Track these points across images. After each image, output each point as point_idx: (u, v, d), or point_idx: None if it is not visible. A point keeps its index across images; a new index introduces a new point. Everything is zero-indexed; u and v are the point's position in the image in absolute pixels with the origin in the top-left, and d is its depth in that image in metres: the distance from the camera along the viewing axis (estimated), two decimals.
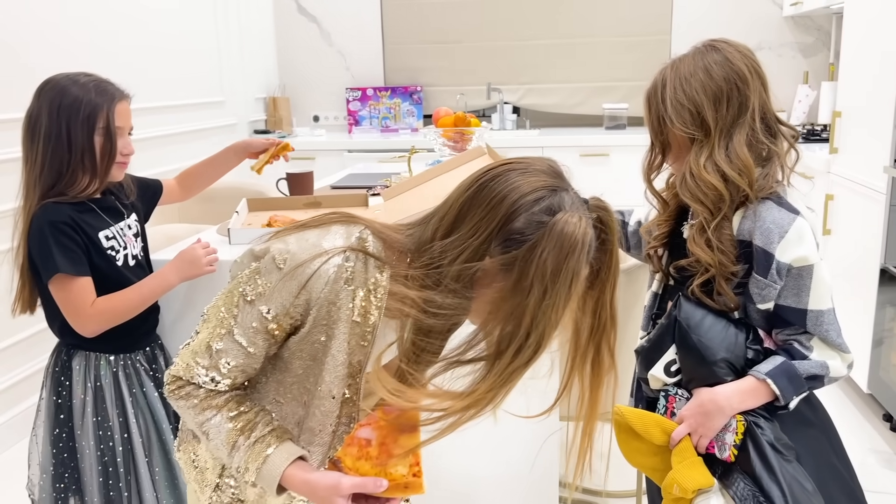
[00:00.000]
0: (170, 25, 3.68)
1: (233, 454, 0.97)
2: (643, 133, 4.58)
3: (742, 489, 1.15)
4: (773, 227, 1.18)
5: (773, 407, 1.20)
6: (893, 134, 2.53)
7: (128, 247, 1.62)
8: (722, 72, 1.23)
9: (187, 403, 1.00)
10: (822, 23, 4.30)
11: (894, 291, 2.53)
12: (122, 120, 1.54)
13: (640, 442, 1.25)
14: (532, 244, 0.86)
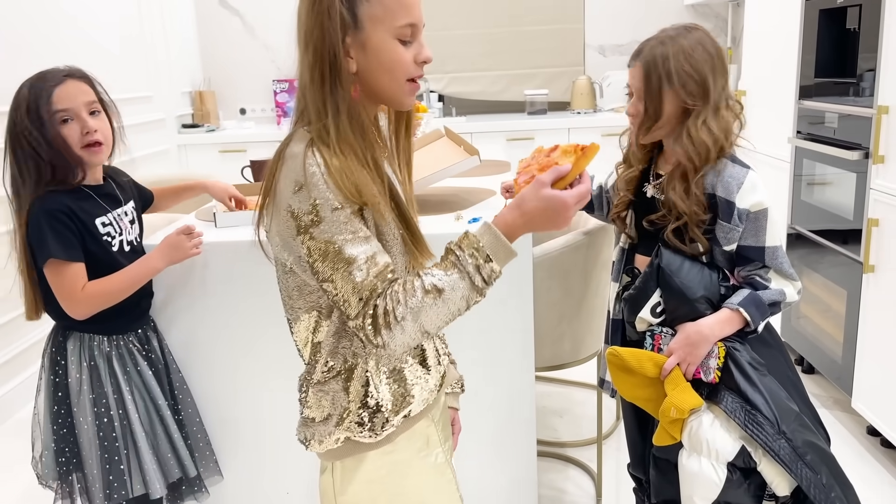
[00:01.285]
0: (93, 20, 3.61)
1: (462, 277, 1.00)
2: (563, 117, 4.86)
3: (731, 402, 1.36)
4: (732, 180, 1.41)
5: (744, 332, 1.43)
6: (795, 107, 2.85)
7: (123, 233, 1.66)
8: (712, 49, 1.43)
9: (403, 306, 0.98)
10: (720, 10, 4.67)
11: (800, 251, 2.85)
12: (66, 102, 1.52)
13: (634, 377, 1.44)
14: None
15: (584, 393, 2.90)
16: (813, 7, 2.69)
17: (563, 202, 1.00)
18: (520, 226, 1.02)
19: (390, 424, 1.13)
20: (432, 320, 1.00)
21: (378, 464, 1.16)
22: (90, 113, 1.55)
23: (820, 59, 2.68)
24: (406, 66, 1.06)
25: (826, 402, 2.72)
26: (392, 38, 1.04)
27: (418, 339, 1.01)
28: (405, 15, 1.04)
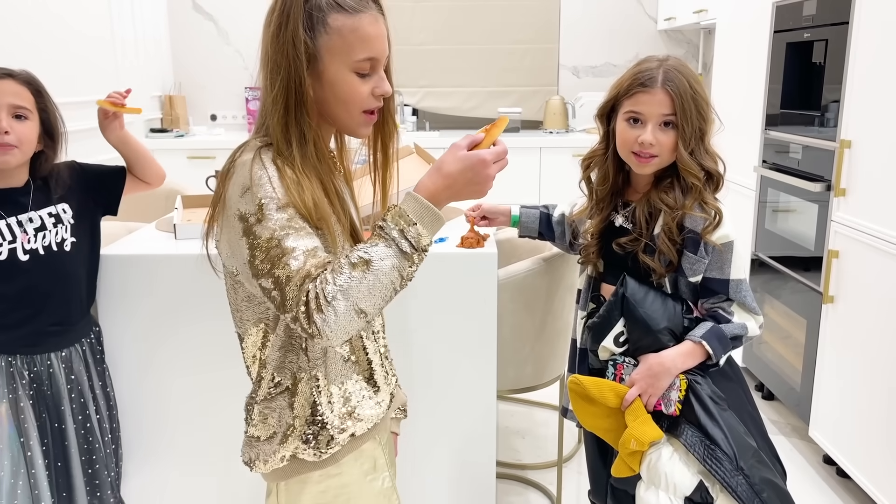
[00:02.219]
0: (62, 20, 3.55)
1: (390, 246, 0.98)
2: (535, 136, 4.88)
3: (690, 436, 1.36)
4: (699, 213, 1.41)
5: (706, 365, 1.43)
6: (761, 136, 2.90)
7: (17, 241, 1.54)
8: None
9: (332, 285, 0.95)
10: (692, 37, 4.74)
11: (762, 278, 2.89)
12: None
13: (595, 406, 1.43)
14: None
15: (546, 413, 2.90)
16: (781, 39, 2.74)
17: (482, 159, 1.00)
18: (442, 189, 1.01)
19: (335, 443, 1.12)
20: (365, 296, 0.95)
21: (323, 486, 1.14)
22: (15, 116, 1.52)
23: (786, 91, 2.73)
24: (361, 99, 1.07)
25: (784, 428, 2.75)
26: (349, 71, 1.06)
27: (354, 320, 0.96)
28: (364, 49, 1.05)
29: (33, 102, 1.56)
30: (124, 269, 1.78)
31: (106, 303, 1.79)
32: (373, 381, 1.18)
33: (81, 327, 1.68)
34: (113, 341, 1.81)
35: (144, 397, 1.84)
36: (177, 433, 1.87)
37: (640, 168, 1.45)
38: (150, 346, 1.81)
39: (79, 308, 1.66)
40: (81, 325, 1.68)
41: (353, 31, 1.04)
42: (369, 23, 1.05)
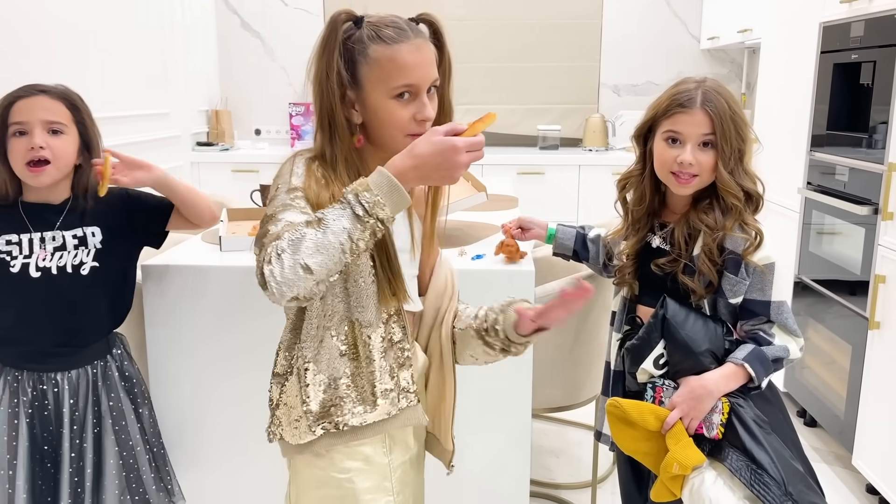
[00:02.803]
0: (116, 37, 3.67)
1: (345, 209, 1.01)
2: (574, 153, 4.87)
3: (735, 460, 1.34)
4: (739, 234, 1.40)
5: (747, 388, 1.41)
6: (806, 157, 2.85)
7: (33, 256, 1.54)
8: None
9: (286, 241, 1.00)
10: (735, 56, 4.70)
11: (806, 301, 2.83)
12: (23, 115, 1.49)
13: (635, 430, 1.41)
14: None
15: (581, 433, 2.87)
16: (828, 60, 2.70)
17: (453, 144, 1.01)
18: (409, 167, 1.03)
19: (312, 433, 1.17)
20: (311, 252, 0.98)
21: (312, 473, 1.22)
22: (50, 132, 1.50)
23: (832, 112, 2.69)
24: (402, 124, 1.12)
25: (826, 456, 2.68)
26: (388, 98, 1.12)
27: (299, 275, 0.98)
28: (401, 77, 1.10)
29: (69, 116, 1.54)
30: (171, 279, 1.83)
31: (152, 312, 1.84)
32: (365, 389, 1.18)
33: (94, 351, 1.63)
34: (158, 348, 1.85)
35: (188, 403, 1.88)
36: (220, 437, 1.91)
37: (679, 189, 1.45)
38: (194, 353, 1.86)
39: (92, 332, 1.62)
40: (94, 348, 1.63)
41: (390, 60, 1.11)
42: (408, 51, 1.11)
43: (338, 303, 1.17)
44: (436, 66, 1.15)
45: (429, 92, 1.14)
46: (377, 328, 1.18)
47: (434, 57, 1.15)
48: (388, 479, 1.21)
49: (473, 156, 1.03)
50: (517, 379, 1.84)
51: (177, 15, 4.26)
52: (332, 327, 1.17)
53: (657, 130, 1.47)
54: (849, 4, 2.52)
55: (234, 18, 4.80)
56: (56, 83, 1.57)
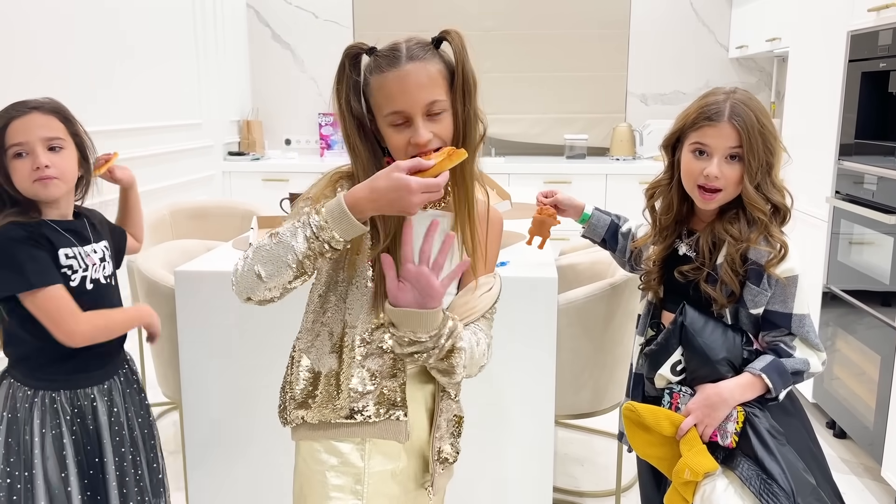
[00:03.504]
0: (151, 50, 3.77)
1: (299, 228, 1.08)
2: (601, 162, 4.89)
3: (747, 470, 1.34)
4: (763, 245, 1.40)
5: (764, 399, 1.41)
6: (834, 166, 2.83)
7: (89, 269, 1.56)
8: None
9: (250, 248, 1.13)
10: (765, 65, 4.67)
11: (835, 311, 2.80)
12: (21, 135, 1.46)
13: (650, 434, 1.42)
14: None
15: (606, 442, 2.87)
16: (856, 68, 2.69)
17: (407, 184, 1.04)
18: (365, 198, 1.07)
19: (291, 419, 1.24)
20: (263, 261, 1.09)
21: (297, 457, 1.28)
22: (49, 148, 1.48)
23: (861, 120, 2.67)
24: (399, 150, 1.16)
25: (856, 468, 2.65)
26: (387, 126, 1.16)
27: (252, 279, 1.10)
28: (388, 105, 1.14)
29: (65, 130, 1.52)
30: (202, 285, 1.88)
31: (185, 316, 1.89)
32: (342, 389, 1.21)
33: (119, 360, 1.64)
34: (189, 352, 1.91)
35: (217, 405, 1.93)
36: (249, 438, 1.95)
37: (704, 204, 1.45)
38: (224, 356, 1.91)
39: (118, 340, 1.63)
40: (118, 358, 1.64)
41: (379, 89, 1.16)
42: (393, 79, 1.14)
43: (337, 301, 1.22)
44: (436, 88, 1.14)
45: (436, 115, 1.14)
46: (363, 332, 1.19)
47: (430, 79, 1.14)
48: (360, 482, 1.22)
49: (428, 197, 1.05)
50: (540, 385, 1.86)
51: (209, 28, 4.37)
52: (328, 324, 1.22)
53: (685, 141, 1.47)
54: (877, 13, 2.51)
55: (265, 31, 4.90)
56: (42, 97, 1.53)
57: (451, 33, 1.17)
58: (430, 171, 1.05)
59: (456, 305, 1.27)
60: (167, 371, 2.10)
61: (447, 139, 1.16)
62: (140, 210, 1.82)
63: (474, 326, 1.27)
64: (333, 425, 1.22)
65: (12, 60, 2.75)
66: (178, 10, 4.02)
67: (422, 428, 1.29)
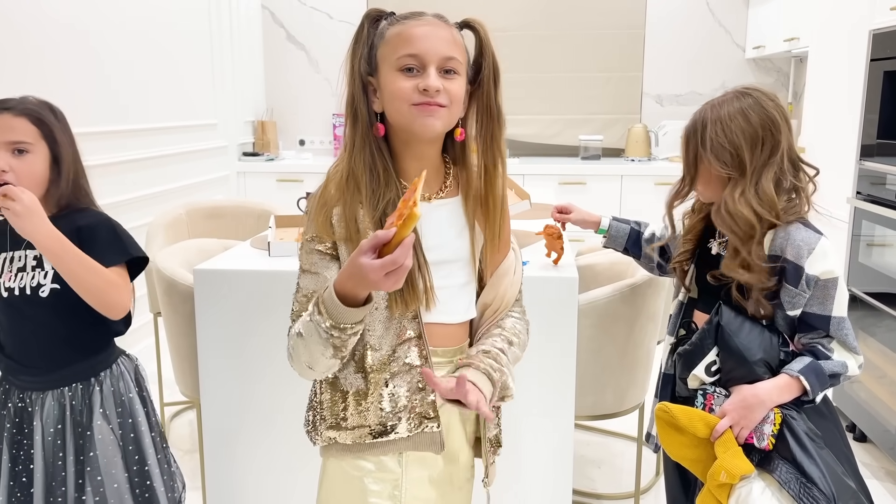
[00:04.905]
0: (167, 51, 3.78)
1: (314, 331, 1.08)
2: (616, 163, 4.87)
3: (785, 473, 1.32)
4: (803, 244, 1.37)
5: (801, 402, 1.39)
6: (855, 167, 2.80)
7: (2, 276, 1.50)
8: (758, 117, 1.39)
9: (289, 349, 1.16)
10: (782, 65, 4.63)
11: (856, 313, 2.77)
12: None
13: (683, 436, 1.40)
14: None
15: (623, 444, 2.85)
16: (878, 68, 2.65)
17: (372, 267, 0.98)
18: (345, 281, 1.04)
19: (319, 438, 1.22)
20: (307, 360, 1.12)
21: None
22: (15, 151, 1.43)
23: (883, 120, 2.64)
24: (404, 92, 1.11)
25: (877, 472, 2.62)
26: (394, 70, 1.12)
27: (308, 372, 1.14)
28: (405, 47, 1.11)
29: (35, 133, 1.45)
30: (221, 284, 1.88)
31: (204, 314, 1.89)
32: (370, 410, 1.19)
33: (70, 373, 1.54)
34: (208, 349, 1.90)
35: (236, 404, 1.93)
36: (267, 435, 1.95)
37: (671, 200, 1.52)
38: (243, 355, 1.90)
39: (60, 356, 1.53)
40: (70, 371, 1.54)
41: (398, 34, 1.12)
42: (415, 25, 1.12)
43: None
44: (455, 48, 1.13)
45: (450, 73, 1.12)
46: (387, 351, 1.17)
47: (453, 38, 1.13)
48: (398, 488, 1.21)
49: (395, 276, 0.98)
50: (560, 386, 1.84)
51: (224, 29, 4.38)
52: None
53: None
54: None
55: (279, 31, 4.91)
56: (26, 95, 1.49)
57: (477, 21, 1.16)
58: (391, 243, 0.98)
59: (486, 303, 1.26)
60: (185, 369, 2.10)
61: (457, 102, 1.13)
62: (67, 269, 1.45)
63: (512, 320, 1.27)
64: (367, 445, 1.20)
65: (28, 63, 2.76)
66: (194, 12, 4.03)
67: (457, 433, 1.27)
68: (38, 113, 1.47)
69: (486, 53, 1.17)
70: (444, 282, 1.19)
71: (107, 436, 1.53)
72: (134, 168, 3.43)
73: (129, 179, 3.36)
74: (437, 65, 1.11)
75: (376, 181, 1.14)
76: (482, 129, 1.17)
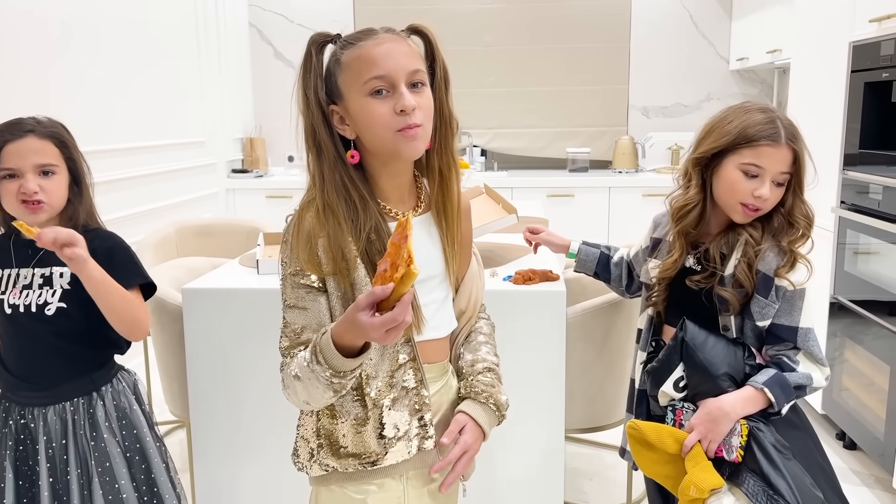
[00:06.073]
0: (154, 69, 3.79)
1: (313, 379, 1.06)
2: (604, 175, 4.90)
3: (753, 485, 1.32)
4: (773, 255, 1.40)
5: (768, 413, 1.39)
6: (839, 176, 2.83)
7: (7, 293, 1.53)
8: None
9: (286, 388, 1.14)
10: (766, 76, 4.69)
11: (843, 322, 2.79)
12: (13, 160, 1.46)
13: (654, 452, 1.41)
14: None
15: (615, 456, 2.84)
16: (858, 79, 2.69)
17: (372, 325, 0.97)
18: (342, 334, 1.03)
19: (303, 466, 1.22)
20: (305, 397, 1.10)
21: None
22: (42, 173, 1.48)
23: (865, 130, 2.67)
24: (384, 120, 1.08)
25: (867, 480, 2.63)
26: (364, 96, 1.08)
27: (308, 407, 1.15)
28: (370, 69, 1.07)
29: (59, 155, 1.51)
30: (209, 302, 1.88)
31: (192, 333, 1.89)
32: (370, 437, 1.17)
33: (71, 388, 1.55)
34: (198, 368, 1.90)
35: (225, 422, 1.92)
36: (257, 454, 1.94)
37: (743, 218, 1.43)
38: (232, 374, 1.90)
39: (64, 372, 1.54)
40: (71, 386, 1.55)
41: (357, 58, 1.09)
42: (372, 45, 1.09)
43: None
44: (417, 60, 1.11)
45: (415, 87, 1.10)
46: (382, 378, 1.16)
47: (411, 51, 1.11)
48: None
49: (396, 330, 0.97)
50: (550, 399, 1.85)
51: (212, 47, 4.39)
52: None
53: (729, 158, 1.42)
54: (878, 23, 2.52)
55: (267, 48, 4.93)
56: (42, 117, 1.53)
57: (425, 27, 1.15)
58: (390, 298, 0.96)
59: (461, 310, 1.29)
60: (174, 388, 2.10)
61: (429, 115, 1.12)
62: (107, 301, 1.50)
63: (483, 322, 1.33)
64: (370, 472, 1.19)
65: (16, 79, 2.76)
66: (181, 30, 4.05)
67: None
68: (60, 135, 1.53)
69: (437, 59, 1.15)
70: (428, 298, 1.19)
71: (113, 449, 1.56)
72: (123, 186, 3.43)
73: (118, 198, 3.36)
74: (405, 81, 1.09)
75: (354, 210, 1.11)
76: (435, 135, 1.16)
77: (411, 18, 1.20)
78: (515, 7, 4.77)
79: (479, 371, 1.27)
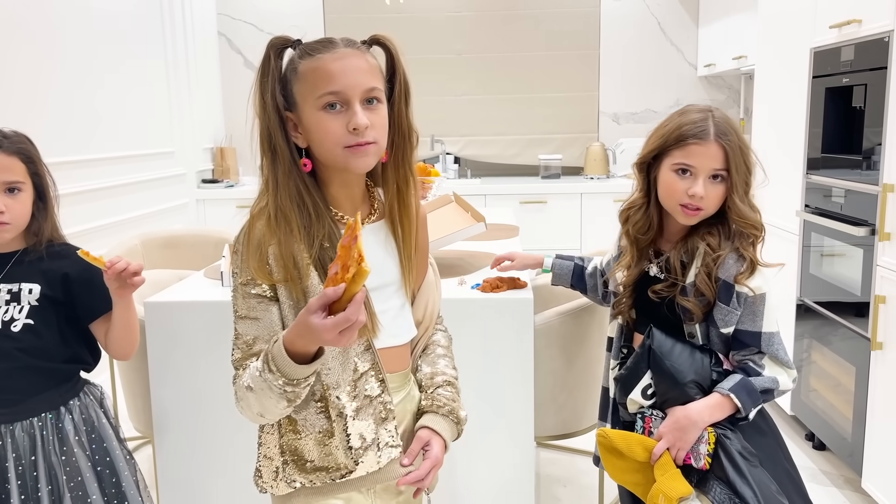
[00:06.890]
0: (121, 79, 3.75)
1: (265, 388, 1.05)
2: (576, 181, 4.92)
3: (719, 493, 1.33)
4: (732, 262, 1.41)
5: (735, 419, 1.40)
6: (803, 180, 2.87)
7: None
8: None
9: (238, 400, 1.12)
10: (732, 82, 4.75)
11: (809, 324, 2.83)
12: None
13: (624, 460, 1.41)
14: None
15: (589, 462, 2.85)
16: (820, 84, 2.74)
17: (318, 332, 0.96)
18: (294, 339, 1.02)
19: (289, 485, 1.18)
20: (258, 408, 1.09)
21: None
22: (8, 191, 1.46)
23: (827, 135, 2.72)
24: (336, 136, 1.08)
25: (836, 480, 2.66)
26: (317, 110, 1.08)
27: (261, 420, 1.12)
28: (325, 84, 1.07)
29: (24, 171, 1.48)
30: (173, 315, 1.85)
31: (155, 348, 1.86)
32: (338, 448, 1.16)
33: (38, 403, 1.53)
34: (161, 384, 1.87)
35: (190, 438, 1.89)
36: (223, 471, 1.91)
37: (686, 220, 1.44)
38: (197, 388, 1.87)
39: (30, 389, 1.52)
40: (38, 400, 1.53)
41: (314, 70, 1.08)
42: (331, 60, 1.08)
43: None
44: (373, 77, 1.10)
45: (370, 103, 1.10)
46: (345, 387, 1.15)
47: (369, 66, 1.10)
48: None
49: (349, 331, 0.96)
50: (519, 407, 1.84)
51: (181, 56, 4.35)
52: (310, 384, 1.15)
53: (664, 159, 1.45)
54: (838, 29, 2.56)
55: (237, 57, 4.90)
56: (8, 130, 1.50)
57: (386, 38, 1.14)
58: (342, 299, 0.95)
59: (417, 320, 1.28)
60: (138, 405, 2.06)
61: (383, 131, 1.11)
62: (129, 324, 1.56)
63: (440, 334, 1.33)
64: (339, 485, 1.17)
65: None
66: (149, 40, 4.01)
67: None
68: (27, 151, 1.50)
69: (398, 71, 1.15)
70: (385, 305, 1.19)
71: (83, 463, 1.54)
72: (88, 199, 3.38)
73: (83, 210, 3.31)
74: (360, 98, 1.08)
75: (307, 216, 1.11)
76: (393, 148, 1.16)
77: (382, 26, 1.18)
78: (486, 15, 4.79)
79: (438, 384, 1.27)
